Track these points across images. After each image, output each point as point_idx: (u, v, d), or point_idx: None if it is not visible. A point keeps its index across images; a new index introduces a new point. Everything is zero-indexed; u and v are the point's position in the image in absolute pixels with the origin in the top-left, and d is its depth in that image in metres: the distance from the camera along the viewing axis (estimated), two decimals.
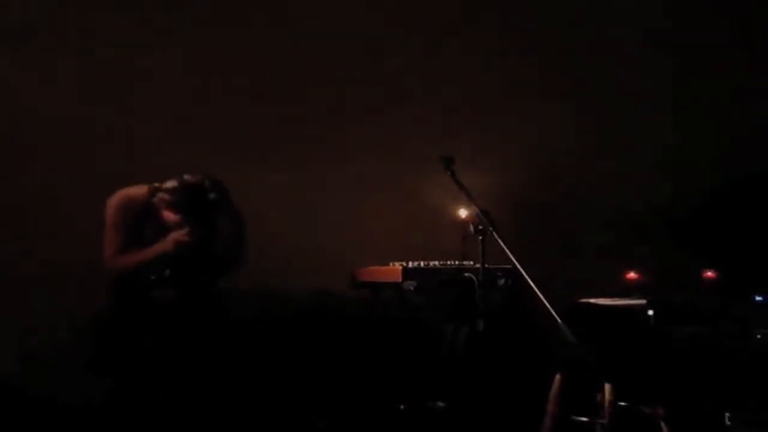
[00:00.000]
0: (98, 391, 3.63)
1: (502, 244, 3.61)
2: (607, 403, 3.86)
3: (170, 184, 3.56)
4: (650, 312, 4.34)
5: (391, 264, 4.42)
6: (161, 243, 3.61)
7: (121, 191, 3.66)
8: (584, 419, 3.94)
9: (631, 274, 4.83)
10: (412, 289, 4.31)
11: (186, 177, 3.58)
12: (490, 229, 3.72)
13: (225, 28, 4.78)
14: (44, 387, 4.15)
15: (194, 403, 3.56)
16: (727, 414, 3.96)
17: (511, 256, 3.57)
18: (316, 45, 4.96)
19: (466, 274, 4.29)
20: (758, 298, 4.53)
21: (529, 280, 3.50)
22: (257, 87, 4.80)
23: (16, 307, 4.25)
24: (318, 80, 4.92)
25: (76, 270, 4.21)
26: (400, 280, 4.32)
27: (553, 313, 3.43)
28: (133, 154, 4.49)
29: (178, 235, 3.59)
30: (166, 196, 3.55)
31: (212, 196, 3.57)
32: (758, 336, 4.29)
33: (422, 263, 4.43)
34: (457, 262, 4.46)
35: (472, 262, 4.32)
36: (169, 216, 3.58)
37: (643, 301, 4.43)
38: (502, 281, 4.38)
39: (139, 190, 3.66)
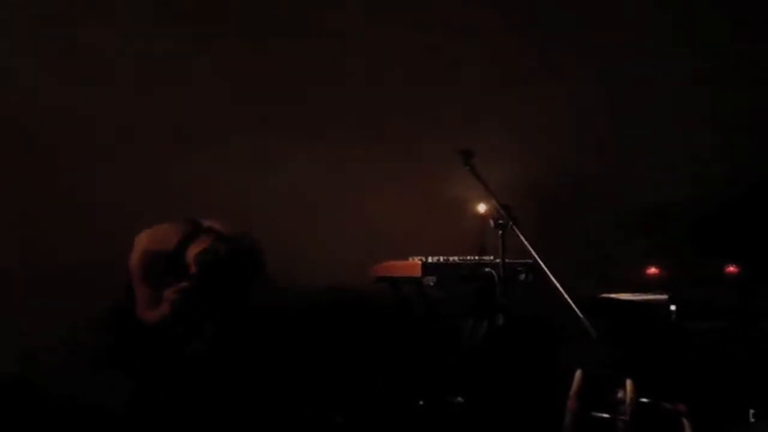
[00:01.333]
0: (112, 391, 3.62)
1: (522, 238, 3.60)
2: (628, 400, 3.83)
3: (199, 253, 3.32)
4: (672, 307, 4.31)
5: (410, 259, 4.39)
6: (159, 309, 3.36)
7: (145, 241, 3.41)
8: (605, 416, 3.91)
9: (653, 269, 4.80)
10: (431, 284, 4.29)
11: (206, 254, 3.32)
12: (511, 223, 3.70)
13: (228, 28, 4.79)
14: (55, 389, 4.16)
15: (210, 398, 3.55)
16: (752, 410, 3.92)
17: (532, 251, 3.56)
18: (329, 41, 4.95)
19: (486, 269, 4.26)
20: None
21: (550, 275, 3.48)
22: (275, 79, 4.80)
23: (25, 308, 4.26)
24: (336, 75, 4.91)
25: (87, 270, 4.22)
26: (419, 275, 4.29)
27: (575, 307, 3.41)
28: (139, 156, 4.49)
29: (169, 293, 3.34)
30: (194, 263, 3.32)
31: (236, 271, 3.34)
32: None
33: (442, 258, 4.40)
34: (476, 257, 4.43)
35: (492, 257, 4.30)
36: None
37: (665, 296, 4.39)
38: (522, 276, 4.34)
39: (164, 239, 3.41)
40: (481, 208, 4.29)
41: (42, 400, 4.10)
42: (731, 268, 4.78)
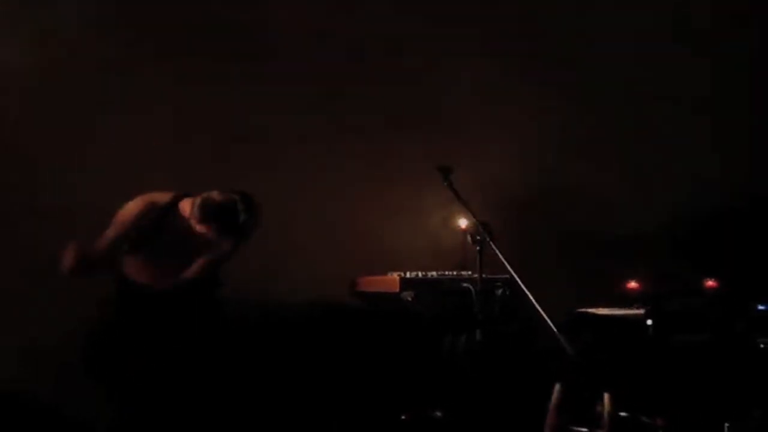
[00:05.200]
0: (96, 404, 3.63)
1: (499, 254, 3.62)
2: (606, 414, 3.85)
3: (197, 200, 3.50)
4: (649, 321, 4.33)
5: (389, 274, 4.42)
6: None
7: (145, 196, 3.61)
8: (584, 430, 3.93)
9: (632, 284, 4.82)
10: (410, 299, 4.31)
11: (212, 195, 3.50)
12: (488, 239, 3.72)
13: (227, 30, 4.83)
14: (56, 399, 4.16)
15: (192, 411, 3.56)
16: (727, 424, 3.95)
17: (509, 266, 3.57)
18: (318, 56, 4.99)
19: (464, 284, 4.29)
20: (760, 307, 4.51)
21: (526, 291, 3.50)
22: (260, 96, 4.82)
23: (29, 317, 4.26)
24: (319, 91, 4.94)
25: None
26: (398, 290, 4.32)
27: (550, 323, 3.44)
28: (138, 160, 4.50)
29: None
30: (194, 213, 3.49)
31: (241, 216, 3.48)
32: (761, 345, 4.27)
33: (420, 273, 4.43)
34: (455, 272, 4.46)
35: (470, 272, 4.32)
36: (200, 228, 3.51)
37: (642, 311, 4.42)
38: (499, 291, 4.37)
39: (162, 197, 3.62)
40: (462, 223, 4.32)
41: (29, 411, 4.11)
42: (710, 283, 4.80)
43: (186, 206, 3.57)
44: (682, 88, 5.44)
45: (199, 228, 3.49)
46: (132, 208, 3.58)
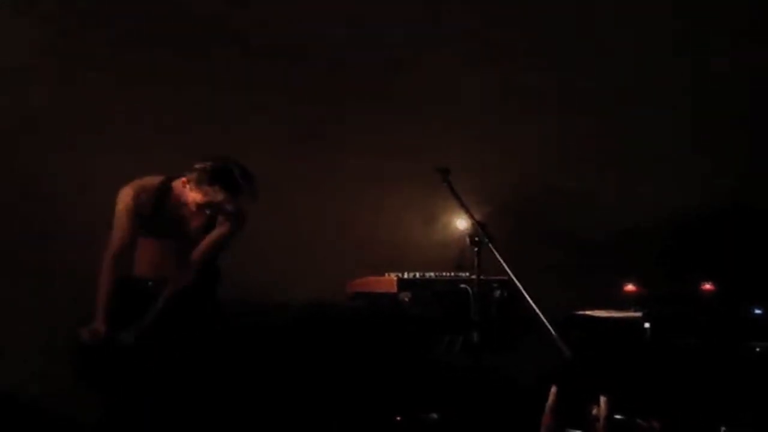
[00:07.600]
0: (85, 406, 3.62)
1: (497, 255, 3.61)
2: (602, 416, 3.85)
3: (200, 165, 3.51)
4: (646, 324, 4.34)
5: (386, 275, 4.41)
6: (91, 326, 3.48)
7: (133, 182, 3.57)
8: None
9: (630, 287, 4.83)
10: (407, 300, 4.31)
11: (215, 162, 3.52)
12: (486, 240, 3.72)
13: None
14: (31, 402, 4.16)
15: (190, 411, 3.55)
16: (723, 427, 3.95)
17: (507, 268, 3.57)
18: (319, 59, 4.99)
19: (462, 286, 4.29)
20: (756, 311, 4.52)
21: (524, 292, 3.50)
22: (255, 100, 4.82)
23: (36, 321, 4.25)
24: (314, 94, 4.94)
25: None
26: (395, 290, 4.32)
27: (548, 325, 3.43)
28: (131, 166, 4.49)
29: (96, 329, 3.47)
30: (194, 176, 3.50)
31: (240, 180, 3.51)
32: (756, 348, 4.28)
33: (417, 274, 4.43)
34: (452, 274, 4.45)
35: (467, 274, 4.32)
36: (195, 197, 3.51)
37: (639, 314, 4.42)
38: (497, 293, 4.37)
39: (151, 180, 3.60)
40: (461, 224, 4.31)
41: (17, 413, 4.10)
42: (707, 286, 4.81)
43: (179, 186, 3.56)
44: (673, 91, 5.46)
45: (201, 197, 3.49)
46: (127, 195, 3.54)
